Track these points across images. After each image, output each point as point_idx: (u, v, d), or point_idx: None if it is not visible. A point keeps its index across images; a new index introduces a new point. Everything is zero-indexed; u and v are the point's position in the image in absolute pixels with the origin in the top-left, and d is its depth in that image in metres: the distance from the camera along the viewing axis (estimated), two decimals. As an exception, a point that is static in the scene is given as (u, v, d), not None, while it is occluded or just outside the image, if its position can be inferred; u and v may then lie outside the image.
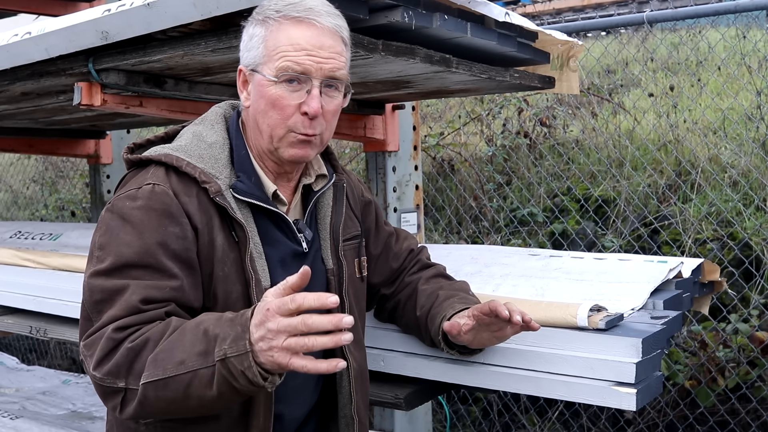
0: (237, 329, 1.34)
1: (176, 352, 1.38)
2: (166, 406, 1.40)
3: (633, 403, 1.66)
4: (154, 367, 1.38)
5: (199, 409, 1.42)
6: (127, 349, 1.41)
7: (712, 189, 4.15)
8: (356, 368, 1.76)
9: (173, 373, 1.36)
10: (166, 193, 1.53)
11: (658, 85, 5.33)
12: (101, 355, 1.43)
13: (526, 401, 4.10)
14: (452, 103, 5.78)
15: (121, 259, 1.49)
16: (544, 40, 2.38)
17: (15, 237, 3.41)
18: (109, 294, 1.48)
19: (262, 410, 1.57)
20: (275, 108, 1.56)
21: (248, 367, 1.31)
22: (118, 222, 1.53)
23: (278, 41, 1.55)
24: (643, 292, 2.01)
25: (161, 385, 1.37)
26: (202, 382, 1.35)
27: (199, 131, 1.66)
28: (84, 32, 1.99)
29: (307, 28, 1.55)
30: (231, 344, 1.33)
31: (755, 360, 3.50)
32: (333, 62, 1.56)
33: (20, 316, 2.79)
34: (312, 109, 1.54)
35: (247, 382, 1.33)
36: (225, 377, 1.33)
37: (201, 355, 1.36)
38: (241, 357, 1.32)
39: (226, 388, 1.35)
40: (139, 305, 1.46)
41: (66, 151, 4.28)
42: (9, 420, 3.15)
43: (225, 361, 1.33)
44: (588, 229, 4.24)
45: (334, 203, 1.77)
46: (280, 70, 1.54)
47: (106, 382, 1.42)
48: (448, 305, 1.79)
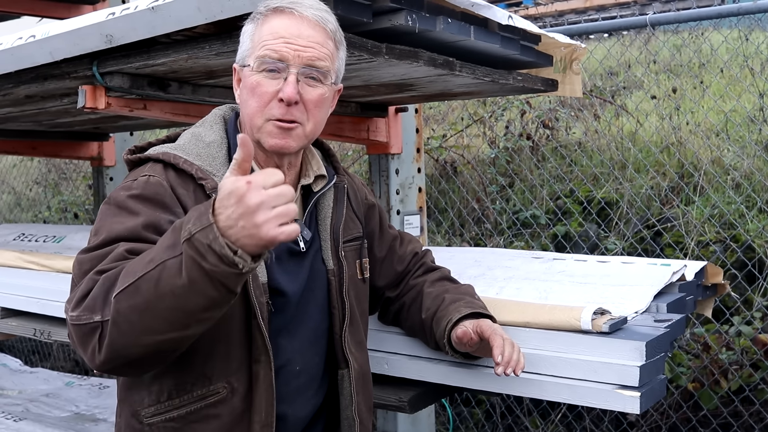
0: (201, 209, 1.32)
1: (147, 256, 1.36)
2: (140, 318, 1.33)
3: (637, 406, 1.66)
4: (125, 277, 1.35)
5: (174, 313, 1.33)
6: (104, 278, 1.40)
7: (715, 191, 4.14)
8: (357, 369, 1.77)
9: (142, 272, 1.32)
10: (160, 183, 1.56)
11: (660, 87, 5.32)
12: (80, 295, 1.42)
13: (529, 404, 4.09)
14: (455, 105, 5.78)
15: (112, 234, 1.50)
16: (547, 43, 2.38)
17: (19, 239, 3.42)
18: (98, 259, 1.47)
19: (264, 406, 1.58)
20: (254, 95, 1.59)
21: (214, 239, 1.26)
22: (113, 209, 1.56)
23: (262, 33, 1.59)
24: (646, 295, 2.01)
25: (132, 290, 1.33)
26: (171, 273, 1.30)
27: (198, 132, 1.69)
28: (88, 36, 1.99)
29: (287, 18, 1.58)
30: (195, 222, 1.29)
31: (758, 362, 3.50)
32: (311, 51, 1.58)
33: (24, 318, 2.80)
34: (286, 94, 1.56)
35: (216, 257, 1.26)
36: (192, 258, 1.28)
37: (170, 247, 1.32)
38: (205, 231, 1.27)
39: (195, 272, 1.28)
40: (124, 253, 1.45)
41: (69, 154, 4.28)
42: (12, 422, 3.16)
43: (191, 239, 1.28)
44: (591, 231, 4.24)
45: (335, 204, 1.78)
46: (258, 58, 1.57)
47: (82, 320, 1.39)
48: (453, 309, 1.80)
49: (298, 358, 1.68)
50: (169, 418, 1.57)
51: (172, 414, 1.57)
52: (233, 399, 1.57)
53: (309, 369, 1.72)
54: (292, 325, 1.67)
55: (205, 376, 1.56)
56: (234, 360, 1.57)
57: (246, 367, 1.58)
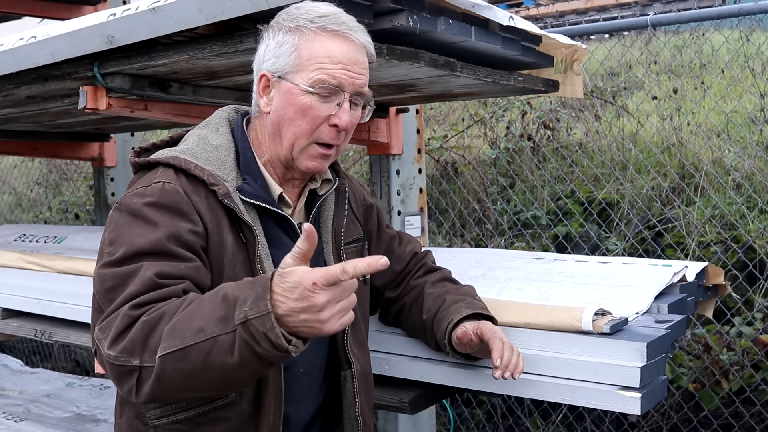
0: (257, 290, 1.30)
1: (195, 321, 1.33)
2: (185, 381, 1.34)
3: (638, 407, 1.66)
4: (172, 338, 1.33)
5: (219, 381, 1.36)
6: (143, 323, 1.37)
7: (716, 192, 4.14)
8: (360, 370, 1.77)
9: (192, 341, 1.31)
10: (176, 191, 1.53)
11: (661, 88, 5.32)
12: (116, 333, 1.38)
13: (529, 404, 4.09)
14: (456, 106, 5.78)
15: (133, 248, 1.47)
16: (548, 44, 2.38)
17: (20, 240, 3.42)
18: (122, 279, 1.44)
19: (272, 410, 1.58)
20: (305, 117, 1.57)
21: (271, 328, 1.26)
22: (128, 218, 1.52)
23: (314, 52, 1.56)
24: (647, 296, 2.01)
25: (180, 356, 1.32)
26: (222, 349, 1.30)
27: (205, 134, 1.66)
28: (89, 36, 1.99)
29: (344, 43, 1.57)
30: (252, 305, 1.28)
31: (759, 363, 3.50)
32: (362, 78, 1.60)
33: (25, 319, 2.80)
34: (343, 122, 1.57)
35: (270, 345, 1.27)
36: (246, 341, 1.28)
37: (221, 320, 1.31)
38: (263, 318, 1.27)
39: (247, 354, 1.29)
40: (155, 279, 1.43)
41: (70, 154, 4.29)
42: (13, 423, 3.16)
43: (246, 323, 1.28)
44: (591, 232, 4.24)
45: (336, 207, 1.78)
46: (316, 81, 1.55)
47: (120, 361, 1.36)
48: (455, 309, 1.80)
49: (302, 361, 1.68)
50: (176, 420, 1.57)
51: (179, 416, 1.57)
52: (241, 402, 1.57)
53: (311, 371, 1.72)
54: None
55: None
56: None
57: None
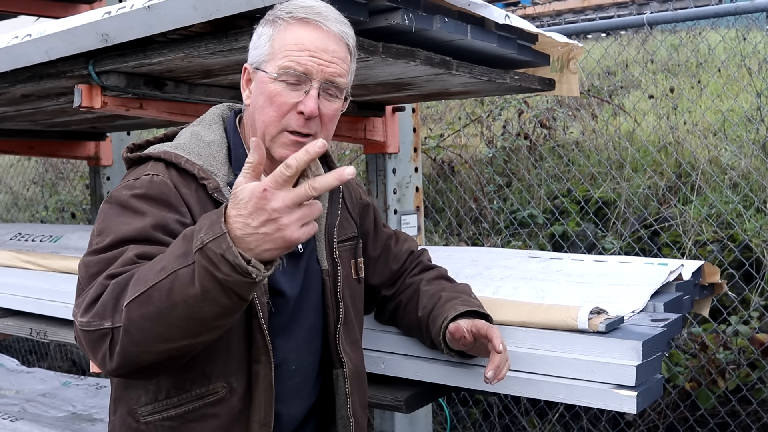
0: (212, 217, 1.28)
1: (158, 264, 1.32)
2: (152, 327, 1.31)
3: (633, 406, 1.66)
4: (136, 285, 1.32)
5: (188, 322, 1.32)
6: (113, 284, 1.37)
7: (712, 191, 4.14)
8: (352, 369, 1.77)
9: (153, 281, 1.30)
10: (165, 183, 1.55)
11: (658, 86, 5.32)
12: (89, 301, 1.39)
13: (526, 403, 4.09)
14: (452, 104, 5.78)
15: (119, 235, 1.47)
16: (544, 42, 2.38)
17: (15, 239, 3.41)
18: (105, 263, 1.44)
19: (263, 405, 1.57)
20: (272, 104, 1.57)
21: (227, 248, 1.23)
22: (116, 209, 1.53)
23: (284, 40, 1.57)
24: (643, 294, 2.01)
25: (144, 299, 1.30)
26: (183, 282, 1.28)
27: (197, 131, 1.68)
28: (84, 35, 1.98)
29: (313, 30, 1.57)
30: (207, 231, 1.26)
31: (755, 362, 3.50)
32: (334, 67, 1.57)
33: (20, 318, 2.79)
34: (308, 108, 1.55)
35: (229, 267, 1.24)
36: (205, 267, 1.25)
37: (181, 256, 1.30)
38: (218, 240, 1.24)
39: (208, 282, 1.26)
40: (135, 258, 1.43)
41: (66, 153, 4.28)
42: (9, 422, 3.15)
43: (203, 249, 1.25)
44: (588, 230, 4.24)
45: (330, 204, 1.78)
46: (281, 68, 1.56)
47: (92, 326, 1.36)
48: (450, 307, 1.80)
49: (294, 358, 1.68)
50: (167, 416, 1.56)
51: (170, 413, 1.56)
52: (232, 398, 1.57)
53: (304, 368, 1.71)
54: (289, 326, 1.67)
55: (205, 375, 1.56)
56: (234, 360, 1.57)
57: (245, 367, 1.57)
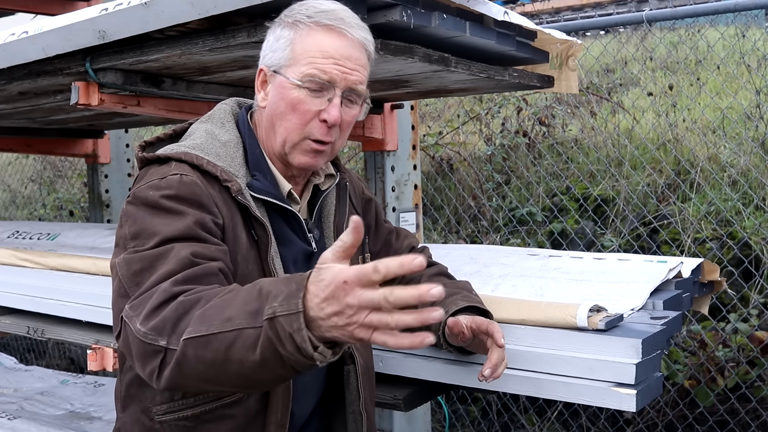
0: (292, 287, 1.21)
1: (226, 310, 1.26)
2: (205, 370, 1.27)
3: (633, 404, 1.65)
4: (200, 323, 1.27)
5: (239, 378, 1.27)
6: (179, 303, 1.31)
7: (712, 188, 4.14)
8: (363, 365, 1.76)
9: (217, 330, 1.24)
10: (195, 183, 1.51)
11: (657, 84, 5.32)
12: (151, 308, 1.33)
13: (525, 401, 4.09)
14: (451, 102, 5.77)
15: (161, 235, 1.43)
16: (543, 39, 2.37)
17: (13, 237, 3.40)
18: (150, 261, 1.40)
19: (279, 406, 1.57)
20: (295, 112, 1.56)
21: (297, 329, 1.17)
22: (147, 210, 1.48)
23: (307, 46, 1.54)
24: (642, 292, 2.00)
25: (202, 342, 1.25)
26: (246, 344, 1.22)
27: (211, 129, 1.64)
28: (81, 31, 1.98)
29: (338, 38, 1.55)
30: (282, 302, 1.20)
31: (755, 360, 3.50)
32: (357, 74, 1.56)
33: (18, 316, 2.78)
34: (332, 117, 1.54)
35: (294, 347, 1.18)
36: (271, 339, 1.20)
37: (251, 313, 1.23)
38: (291, 317, 1.18)
39: (270, 354, 1.20)
40: (191, 257, 1.39)
41: (64, 151, 4.27)
42: (7, 420, 3.14)
43: (273, 320, 1.19)
44: (587, 228, 4.23)
45: (338, 202, 1.77)
46: (305, 75, 1.53)
47: (148, 338, 1.31)
48: (450, 302, 1.79)
49: None
50: (183, 416, 1.55)
51: (186, 413, 1.55)
52: (249, 400, 1.56)
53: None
54: None
55: None
56: None
57: None
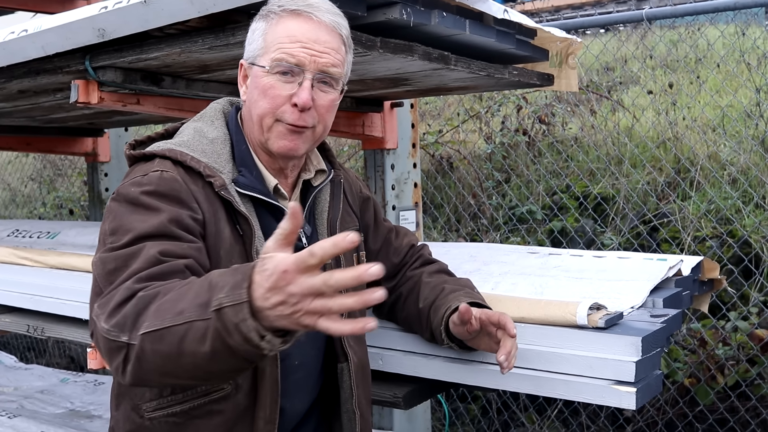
0: (237, 277, 1.21)
1: (179, 303, 1.27)
2: (162, 363, 1.28)
3: (633, 402, 1.65)
4: (154, 318, 1.28)
5: (194, 370, 1.29)
6: (138, 298, 1.33)
7: (712, 186, 4.14)
8: (357, 362, 1.76)
9: (170, 323, 1.25)
10: (175, 179, 1.54)
11: (657, 82, 5.32)
12: (114, 306, 1.35)
13: (525, 399, 4.09)
14: (451, 100, 5.77)
15: (135, 232, 1.46)
16: (543, 38, 2.37)
17: (12, 235, 3.41)
18: (123, 260, 1.42)
19: (268, 402, 1.57)
20: (266, 97, 1.58)
21: (243, 320, 1.17)
22: (127, 207, 1.51)
23: (276, 34, 1.58)
24: (642, 290, 2.00)
25: (158, 336, 1.26)
26: (196, 336, 1.23)
27: (200, 127, 1.68)
28: (81, 30, 1.97)
29: (305, 22, 1.57)
30: (228, 292, 1.20)
31: (755, 358, 3.50)
32: (327, 57, 1.58)
33: (17, 314, 2.78)
34: (301, 100, 1.56)
35: (242, 338, 1.18)
36: (218, 330, 1.20)
37: (201, 306, 1.24)
38: (236, 307, 1.18)
39: (219, 345, 1.21)
40: (158, 256, 1.40)
41: (64, 149, 4.28)
42: (7, 419, 3.14)
43: (220, 311, 1.19)
44: (587, 226, 4.23)
45: (332, 199, 1.78)
46: (274, 60, 1.56)
47: (111, 335, 1.32)
48: (453, 297, 1.79)
49: (297, 352, 1.67)
50: (172, 413, 1.56)
51: (175, 409, 1.56)
52: (237, 395, 1.57)
53: (307, 363, 1.71)
54: None
55: None
56: None
57: None
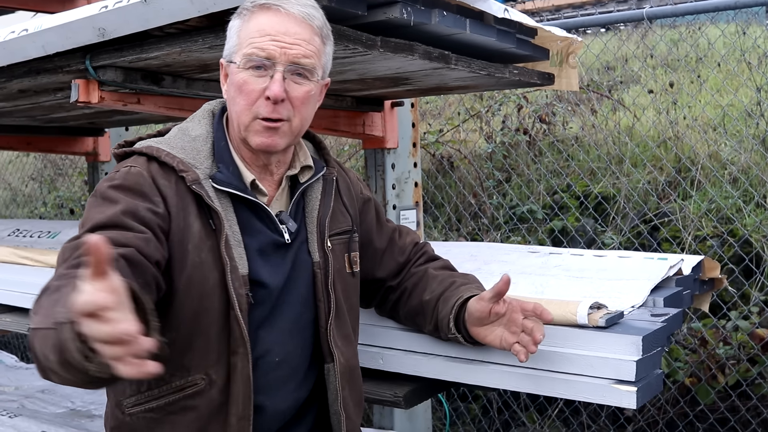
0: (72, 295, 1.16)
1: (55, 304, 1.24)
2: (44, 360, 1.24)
3: (633, 401, 1.65)
4: (35, 313, 1.28)
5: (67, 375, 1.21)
6: (43, 289, 1.33)
7: (712, 186, 4.14)
8: (344, 364, 1.76)
9: (37, 325, 1.25)
10: (140, 174, 1.59)
11: (657, 81, 5.31)
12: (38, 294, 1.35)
13: (525, 399, 4.09)
14: (451, 100, 5.77)
15: (92, 223, 1.50)
16: (544, 37, 2.37)
17: (13, 235, 3.41)
18: (71, 251, 1.45)
19: (241, 398, 1.59)
20: (241, 93, 1.60)
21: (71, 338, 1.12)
22: (95, 201, 1.57)
23: (248, 30, 1.60)
24: (643, 289, 2.00)
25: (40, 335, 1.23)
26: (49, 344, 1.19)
27: (186, 126, 1.72)
28: (81, 29, 1.98)
29: (274, 15, 1.58)
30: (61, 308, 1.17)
31: (755, 357, 3.50)
32: (298, 48, 1.58)
33: (18, 314, 2.79)
34: (273, 92, 1.57)
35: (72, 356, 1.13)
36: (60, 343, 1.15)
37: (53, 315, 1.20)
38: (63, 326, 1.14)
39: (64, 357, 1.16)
40: None
41: (64, 149, 4.28)
42: (8, 418, 3.14)
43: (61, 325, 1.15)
44: (588, 226, 4.23)
45: (323, 196, 1.78)
46: (245, 56, 1.58)
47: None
48: (465, 289, 1.81)
49: (278, 349, 1.68)
50: (148, 408, 1.59)
51: (151, 404, 1.59)
52: (211, 391, 1.59)
53: (290, 361, 1.71)
54: (272, 317, 1.68)
55: (184, 367, 1.58)
56: (212, 352, 1.58)
57: (224, 359, 1.59)
